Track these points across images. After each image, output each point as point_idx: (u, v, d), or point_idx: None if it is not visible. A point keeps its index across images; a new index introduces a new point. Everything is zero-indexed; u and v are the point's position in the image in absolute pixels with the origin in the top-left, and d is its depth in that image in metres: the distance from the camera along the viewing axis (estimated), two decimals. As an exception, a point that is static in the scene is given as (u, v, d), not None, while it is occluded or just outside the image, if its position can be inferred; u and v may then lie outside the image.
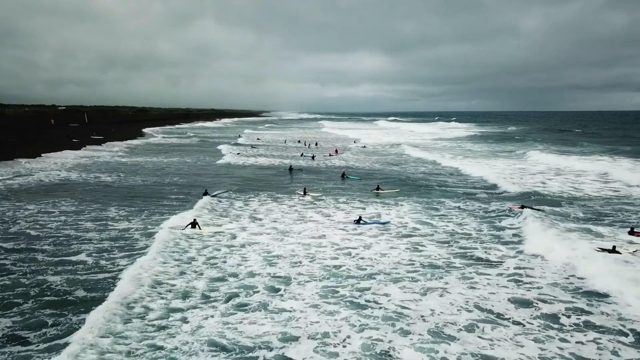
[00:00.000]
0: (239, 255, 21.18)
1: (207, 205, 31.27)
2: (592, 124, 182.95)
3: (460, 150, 76.15)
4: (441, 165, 55.20)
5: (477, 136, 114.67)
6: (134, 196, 34.90)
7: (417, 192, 37.35)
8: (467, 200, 33.92)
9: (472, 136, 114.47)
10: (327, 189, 38.91)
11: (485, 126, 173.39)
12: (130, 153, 67.02)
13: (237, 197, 35.16)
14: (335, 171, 49.81)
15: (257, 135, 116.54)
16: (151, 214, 29.01)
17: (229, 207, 31.63)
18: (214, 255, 21.14)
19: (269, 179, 44.48)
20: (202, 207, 30.28)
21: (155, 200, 33.57)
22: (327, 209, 31.00)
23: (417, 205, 32.22)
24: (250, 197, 34.96)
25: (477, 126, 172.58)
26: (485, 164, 55.02)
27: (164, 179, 43.47)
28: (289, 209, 31.30)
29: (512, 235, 24.62)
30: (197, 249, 21.96)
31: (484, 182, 42.76)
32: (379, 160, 61.85)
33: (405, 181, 43.11)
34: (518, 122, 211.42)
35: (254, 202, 33.28)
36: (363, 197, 35.06)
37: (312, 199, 34.59)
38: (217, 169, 52.02)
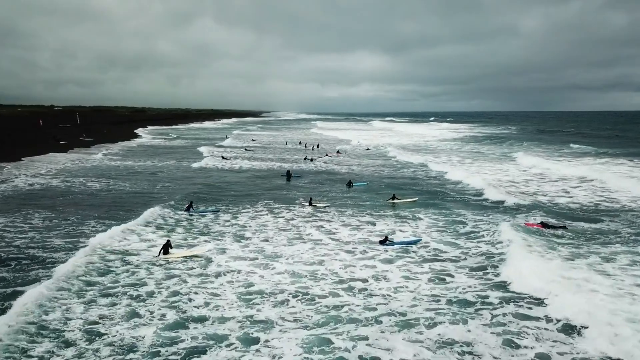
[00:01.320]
0: (210, 289, 17.10)
1: (164, 216, 27.37)
2: (593, 124, 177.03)
3: (451, 153, 71.59)
4: (431, 169, 51.42)
5: (470, 137, 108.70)
6: (121, 206, 31.18)
7: (433, 202, 33.01)
8: (489, 213, 29.54)
9: (465, 137, 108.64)
10: (332, 198, 34.76)
11: (481, 127, 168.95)
12: (122, 156, 63.41)
13: (228, 208, 31.19)
14: (338, 177, 45.66)
15: (252, 136, 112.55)
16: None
17: (212, 221, 27.64)
18: (177, 289, 17.06)
19: (265, 185, 40.45)
20: (164, 221, 26.29)
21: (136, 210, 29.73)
22: (331, 224, 26.83)
23: (438, 219, 27.93)
24: (243, 209, 30.95)
25: (472, 127, 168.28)
26: (475, 169, 50.84)
27: (150, 184, 39.72)
28: (285, 223, 27.21)
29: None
30: (156, 280, 17.92)
31: (479, 190, 38.24)
32: (372, 164, 57.63)
33: (403, 187, 38.92)
34: (516, 122, 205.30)
35: (245, 215, 29.24)
36: (373, 209, 30.82)
37: (314, 210, 30.52)
38: (194, 173, 47.97)
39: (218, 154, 65.72)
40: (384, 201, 33.34)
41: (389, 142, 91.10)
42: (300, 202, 32.69)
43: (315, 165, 54.70)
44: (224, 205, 32.07)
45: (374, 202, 33.01)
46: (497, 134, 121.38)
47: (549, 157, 61.36)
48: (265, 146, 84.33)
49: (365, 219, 28.24)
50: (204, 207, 30.97)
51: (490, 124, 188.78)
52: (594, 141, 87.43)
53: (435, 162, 57.47)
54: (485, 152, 73.23)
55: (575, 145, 78.00)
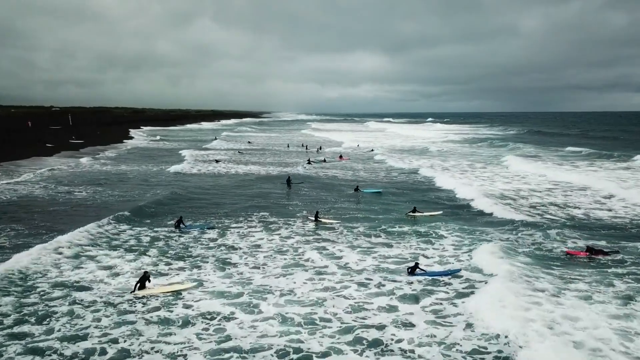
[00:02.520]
0: (169, 348, 13.03)
1: (111, 233, 23.39)
2: (597, 125, 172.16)
3: (445, 157, 66.99)
4: (421, 175, 46.79)
5: (465, 140, 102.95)
6: (68, 217, 27.24)
7: (457, 217, 28.84)
8: (519, 230, 25.32)
9: (460, 139, 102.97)
10: (338, 210, 30.71)
11: (476, 128, 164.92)
12: (110, 159, 59.77)
13: (221, 222, 27.30)
14: (344, 183, 41.57)
15: (247, 137, 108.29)
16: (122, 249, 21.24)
17: (194, 240, 23.70)
18: (125, 347, 12.97)
19: (262, 193, 36.46)
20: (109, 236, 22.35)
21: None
22: (336, 245, 22.71)
23: (464, 237, 23.75)
24: (234, 224, 27.01)
25: (470, 128, 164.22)
26: (472, 176, 46.59)
27: (115, 191, 35.90)
28: (281, 243, 23.18)
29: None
30: (102, 330, 13.85)
31: (492, 203, 33.92)
32: (372, 168, 53.42)
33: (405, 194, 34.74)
34: (519, 124, 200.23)
35: (235, 232, 25.28)
36: (388, 224, 26.69)
37: (317, 225, 26.56)
38: (170, 179, 43.79)
39: (202, 158, 61.47)
40: (399, 214, 29.22)
41: (380, 145, 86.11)
42: (306, 215, 28.63)
43: (316, 171, 50.44)
44: (215, 218, 28.18)
45: (387, 216, 28.85)
46: (501, 136, 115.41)
47: (559, 162, 56.35)
48: (265, 148, 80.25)
49: (379, 239, 24.02)
50: (200, 222, 27.10)
51: (491, 125, 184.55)
52: (606, 144, 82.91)
53: (429, 167, 52.81)
54: (483, 154, 68.79)
55: (584, 148, 71.81)
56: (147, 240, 23.57)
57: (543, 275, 18.00)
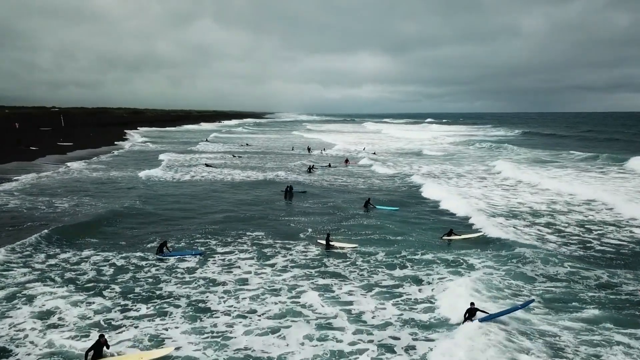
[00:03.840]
0: None
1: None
2: (597, 126, 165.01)
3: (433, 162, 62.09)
4: (407, 182, 41.78)
5: (461, 142, 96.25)
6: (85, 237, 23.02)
7: (494, 239, 24.13)
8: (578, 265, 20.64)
9: (455, 142, 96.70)
10: (348, 228, 26.17)
11: (477, 129, 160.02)
12: (95, 164, 55.34)
13: (206, 243, 22.91)
14: (354, 194, 36.96)
15: (244, 139, 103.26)
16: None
17: (167, 271, 19.25)
18: None
19: (258, 206, 31.92)
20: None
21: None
22: (347, 282, 18.15)
23: (499, 267, 19.12)
24: (220, 246, 22.53)
25: (467, 129, 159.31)
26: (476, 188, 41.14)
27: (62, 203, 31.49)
28: (275, 277, 18.64)
29: None
30: None
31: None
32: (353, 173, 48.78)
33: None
34: (517, 124, 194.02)
35: (219, 260, 20.86)
36: (410, 248, 22.07)
37: (327, 251, 22.06)
38: (137, 188, 38.89)
39: (187, 162, 56.63)
40: (424, 236, 24.54)
41: (369, 148, 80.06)
42: (314, 238, 24.08)
43: (320, 178, 45.64)
44: (199, 237, 23.67)
45: (407, 237, 24.14)
46: (498, 138, 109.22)
47: (559, 169, 50.72)
48: (265, 152, 75.24)
49: (404, 271, 19.35)
50: (187, 248, 22.51)
51: (492, 126, 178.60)
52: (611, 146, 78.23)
53: (417, 174, 47.70)
54: (476, 158, 63.85)
55: (584, 153, 64.99)
56: (109, 271, 19.18)
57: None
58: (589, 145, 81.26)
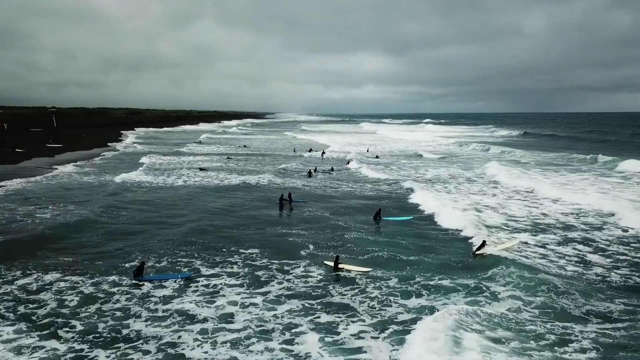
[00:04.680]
0: None
1: None
2: (599, 127, 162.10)
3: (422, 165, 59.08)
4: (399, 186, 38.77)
5: (455, 143, 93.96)
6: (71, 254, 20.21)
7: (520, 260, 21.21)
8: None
9: (448, 143, 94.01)
10: (354, 244, 23.26)
11: (475, 130, 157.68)
12: (95, 167, 52.60)
13: (190, 262, 20.06)
14: (360, 202, 34.07)
15: (242, 140, 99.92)
16: None
17: (140, 302, 16.39)
18: None
19: (254, 219, 29.01)
20: None
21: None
22: (355, 315, 15.32)
23: (525, 298, 16.20)
24: (205, 266, 19.66)
25: (464, 130, 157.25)
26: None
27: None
28: (266, 310, 15.79)
29: None
30: None
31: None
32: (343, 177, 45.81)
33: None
34: (517, 124, 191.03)
35: (203, 285, 18.04)
36: (426, 271, 19.17)
37: (336, 274, 19.19)
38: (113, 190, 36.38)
39: (164, 167, 53.22)
40: (441, 254, 21.63)
41: (374, 150, 77.49)
42: (318, 259, 21.09)
43: (319, 184, 42.43)
44: (184, 256, 20.78)
45: (422, 257, 21.16)
46: (496, 140, 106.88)
47: (559, 173, 48.37)
48: (264, 154, 72.29)
49: (421, 300, 16.47)
50: (172, 274, 19.34)
51: (494, 126, 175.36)
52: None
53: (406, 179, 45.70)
54: (469, 161, 60.80)
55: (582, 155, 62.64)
56: (73, 301, 16.33)
57: None
58: (601, 148, 78.32)
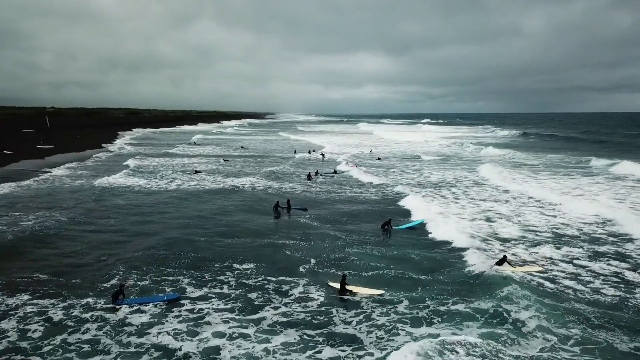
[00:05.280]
0: None
1: None
2: (601, 127, 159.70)
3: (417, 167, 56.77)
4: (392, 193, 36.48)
5: (450, 143, 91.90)
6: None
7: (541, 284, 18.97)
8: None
9: (443, 144, 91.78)
10: (358, 258, 21.04)
11: (472, 130, 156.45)
12: (86, 169, 50.36)
13: (175, 281, 17.87)
14: (365, 207, 31.87)
15: (241, 141, 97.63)
16: None
17: (112, 332, 14.20)
18: None
19: (248, 228, 26.81)
20: None
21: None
22: (361, 349, 13.12)
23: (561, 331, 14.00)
24: (192, 286, 17.45)
25: (461, 130, 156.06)
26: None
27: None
28: (258, 343, 13.61)
29: None
30: None
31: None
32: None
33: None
34: (517, 124, 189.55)
35: (187, 309, 15.88)
36: (438, 293, 16.96)
37: (342, 296, 17.06)
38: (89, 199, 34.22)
39: (150, 169, 51.02)
40: (456, 271, 19.36)
41: (376, 151, 75.46)
42: (320, 278, 18.90)
43: (321, 189, 40.09)
44: (167, 273, 18.57)
45: (434, 276, 18.89)
46: (493, 140, 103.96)
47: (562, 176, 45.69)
48: (263, 155, 69.94)
49: (431, 329, 14.24)
50: (158, 296, 17.03)
51: (493, 126, 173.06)
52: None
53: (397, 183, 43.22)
54: (461, 164, 58.50)
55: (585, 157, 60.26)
56: (37, 331, 14.18)
57: None
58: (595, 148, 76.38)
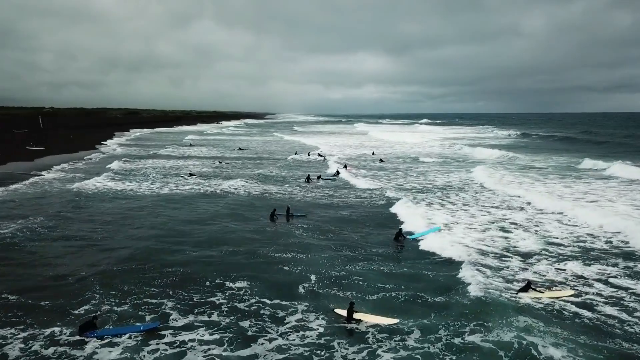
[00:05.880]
0: None
1: None
2: (602, 128, 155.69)
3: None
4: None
5: (444, 145, 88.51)
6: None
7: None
8: None
9: (438, 145, 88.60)
10: (362, 277, 18.69)
11: (473, 130, 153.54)
12: (73, 171, 48.03)
13: (166, 302, 15.57)
14: (363, 215, 29.52)
15: (238, 142, 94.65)
16: None
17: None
18: None
19: (241, 237, 24.48)
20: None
21: None
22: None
23: None
24: (175, 310, 15.14)
25: (458, 130, 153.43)
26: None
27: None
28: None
29: None
30: None
31: None
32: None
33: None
34: (517, 125, 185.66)
35: (167, 339, 13.64)
36: (460, 322, 14.61)
37: (347, 324, 14.78)
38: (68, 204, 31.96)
39: (133, 172, 48.44)
40: (474, 293, 16.92)
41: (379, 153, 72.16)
42: (321, 300, 16.58)
43: (322, 194, 37.27)
44: (145, 293, 16.25)
45: (448, 298, 16.52)
46: (491, 141, 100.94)
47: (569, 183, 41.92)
48: (261, 157, 67.14)
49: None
50: (136, 325, 14.60)
51: (491, 127, 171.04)
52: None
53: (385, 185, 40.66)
54: (455, 166, 56.08)
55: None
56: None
57: None
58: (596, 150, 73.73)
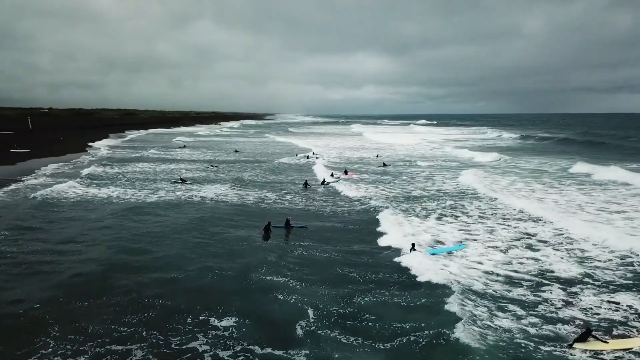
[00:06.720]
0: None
1: None
2: (602, 128, 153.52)
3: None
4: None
5: (438, 146, 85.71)
6: None
7: None
8: None
9: (433, 147, 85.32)
10: (371, 313, 15.10)
11: (472, 131, 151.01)
12: (65, 176, 44.52)
13: (134, 349, 12.04)
14: (365, 227, 25.83)
15: (234, 144, 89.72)
16: None
17: None
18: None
19: (233, 250, 20.81)
20: None
21: None
22: None
23: None
24: (153, 345, 11.65)
25: (455, 131, 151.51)
26: None
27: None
28: None
29: None
30: None
31: None
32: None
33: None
34: (516, 126, 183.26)
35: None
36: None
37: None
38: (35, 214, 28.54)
39: (111, 176, 45.10)
40: (515, 334, 13.30)
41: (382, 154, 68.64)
42: (323, 341, 13.23)
43: (324, 202, 33.43)
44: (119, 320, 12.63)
45: (483, 339, 12.96)
46: (489, 142, 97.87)
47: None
48: (259, 160, 62.84)
49: None
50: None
51: (490, 127, 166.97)
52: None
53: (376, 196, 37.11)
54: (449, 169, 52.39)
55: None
56: None
57: None
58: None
